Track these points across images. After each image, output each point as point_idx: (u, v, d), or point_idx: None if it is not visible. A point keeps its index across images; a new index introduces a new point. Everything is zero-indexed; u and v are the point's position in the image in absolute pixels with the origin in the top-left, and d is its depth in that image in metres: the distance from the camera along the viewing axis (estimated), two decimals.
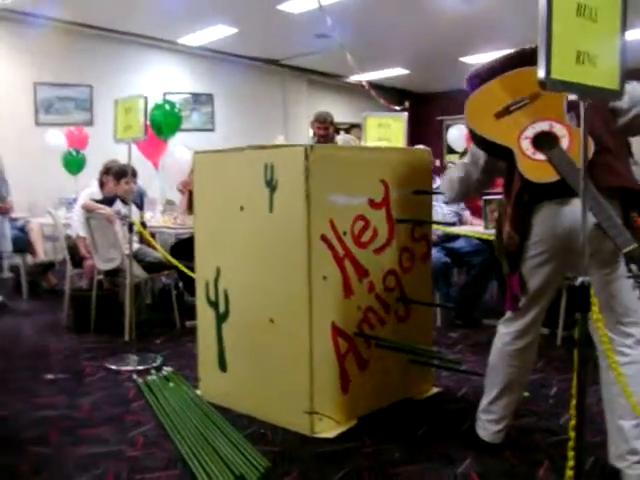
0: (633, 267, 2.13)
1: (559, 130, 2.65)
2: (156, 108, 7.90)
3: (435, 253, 5.07)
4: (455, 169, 3.22)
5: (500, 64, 2.89)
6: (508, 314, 2.97)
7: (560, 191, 2.59)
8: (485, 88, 2.89)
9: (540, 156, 2.61)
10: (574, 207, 2.58)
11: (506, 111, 2.76)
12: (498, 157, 2.90)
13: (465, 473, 2.90)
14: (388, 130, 4.72)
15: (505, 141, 2.71)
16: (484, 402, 3.11)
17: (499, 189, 3.32)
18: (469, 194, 3.33)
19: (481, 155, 3.01)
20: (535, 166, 2.61)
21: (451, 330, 5.47)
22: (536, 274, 2.81)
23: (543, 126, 2.68)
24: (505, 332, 2.98)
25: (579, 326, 2.08)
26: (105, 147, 6.60)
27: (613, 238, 2.25)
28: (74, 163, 9.06)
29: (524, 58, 2.79)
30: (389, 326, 3.65)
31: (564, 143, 2.60)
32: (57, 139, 9.21)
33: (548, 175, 2.55)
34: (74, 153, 9.08)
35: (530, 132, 2.68)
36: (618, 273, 2.65)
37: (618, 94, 2.03)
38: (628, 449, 2.67)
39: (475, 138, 2.90)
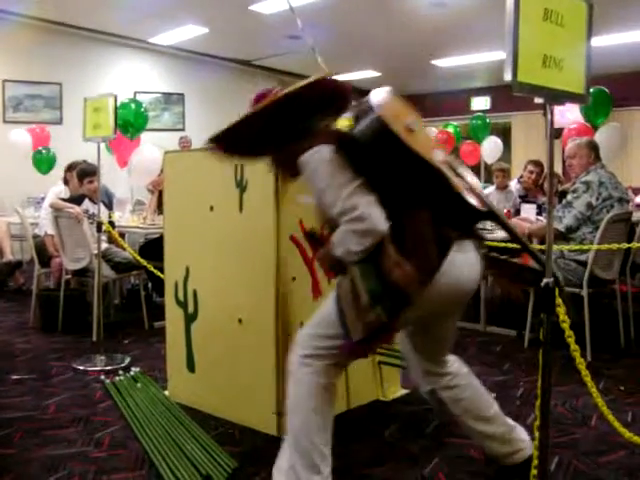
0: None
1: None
2: (122, 107, 7.84)
3: None
4: (347, 226, 2.38)
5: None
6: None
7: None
8: (393, 97, 2.51)
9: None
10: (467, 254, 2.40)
11: (409, 129, 2.29)
12: (413, 178, 2.28)
13: (432, 474, 2.91)
14: None
15: (430, 160, 2.27)
16: None
17: None
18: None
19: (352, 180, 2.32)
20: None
21: None
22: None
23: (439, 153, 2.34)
24: None
25: (544, 327, 2.10)
26: (75, 146, 6.53)
27: None
28: (44, 161, 8.97)
29: None
30: None
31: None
32: (23, 137, 9.11)
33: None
34: (43, 152, 8.98)
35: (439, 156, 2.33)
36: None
37: (584, 98, 2.06)
38: None
39: (398, 150, 2.24)
